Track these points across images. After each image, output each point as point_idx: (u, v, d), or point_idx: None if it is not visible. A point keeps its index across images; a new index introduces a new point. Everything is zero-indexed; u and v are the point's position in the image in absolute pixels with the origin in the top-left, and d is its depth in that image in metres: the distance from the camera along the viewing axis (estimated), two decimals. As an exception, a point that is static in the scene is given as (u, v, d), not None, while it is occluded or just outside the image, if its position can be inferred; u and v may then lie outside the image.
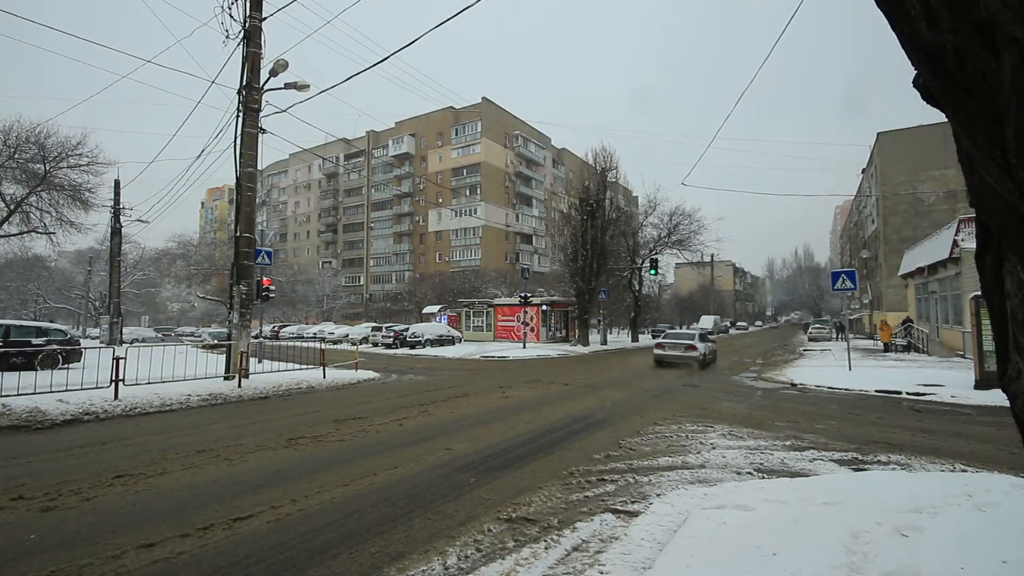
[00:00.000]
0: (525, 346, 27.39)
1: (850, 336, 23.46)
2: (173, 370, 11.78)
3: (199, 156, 16.36)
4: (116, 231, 26.53)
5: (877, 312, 40.96)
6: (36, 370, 12.72)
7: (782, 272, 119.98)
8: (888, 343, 24.70)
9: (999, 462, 5.76)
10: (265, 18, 12.79)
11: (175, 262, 45.10)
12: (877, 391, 11.55)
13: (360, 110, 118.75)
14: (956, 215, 21.87)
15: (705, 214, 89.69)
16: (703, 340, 18.66)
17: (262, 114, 13.04)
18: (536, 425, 7.77)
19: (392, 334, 29.90)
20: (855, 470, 5.41)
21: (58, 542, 3.59)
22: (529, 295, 30.07)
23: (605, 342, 32.94)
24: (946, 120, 1.21)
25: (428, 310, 42.95)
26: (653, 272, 36.67)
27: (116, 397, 9.36)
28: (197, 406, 9.73)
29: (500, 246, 61.53)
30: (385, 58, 11.43)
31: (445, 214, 62.37)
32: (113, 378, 9.52)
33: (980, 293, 1.76)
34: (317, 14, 19.18)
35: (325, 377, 13.46)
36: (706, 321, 48.66)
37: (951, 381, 12.17)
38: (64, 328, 19.15)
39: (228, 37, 12.56)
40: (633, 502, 4.47)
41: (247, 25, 12.59)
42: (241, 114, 12.75)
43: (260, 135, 13.06)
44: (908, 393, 11.08)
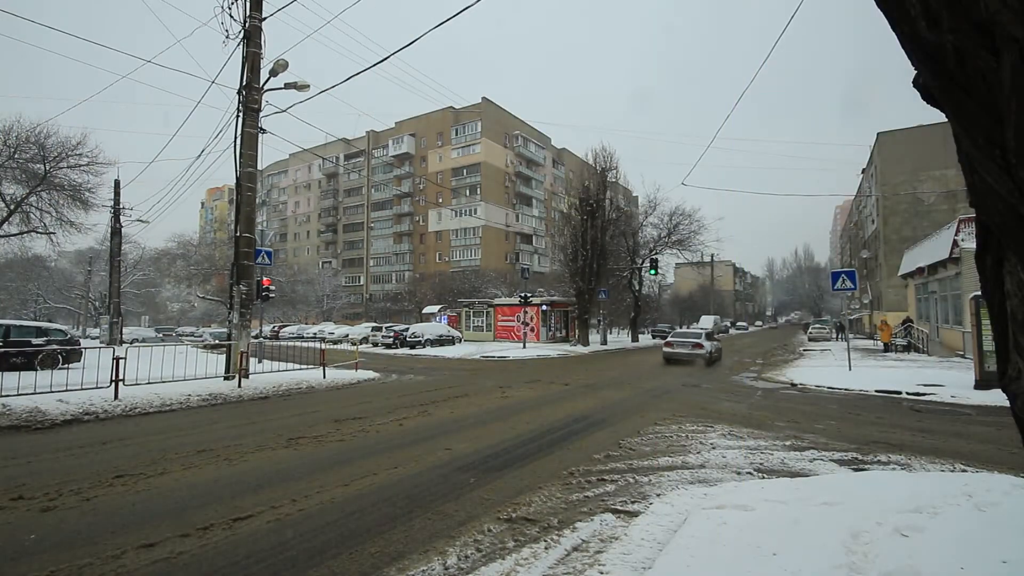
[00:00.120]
0: (525, 346, 27.39)
1: (850, 336, 23.46)
2: (173, 370, 11.79)
3: (199, 156, 16.38)
4: (116, 231, 26.55)
5: (877, 312, 40.96)
6: (36, 370, 12.72)
7: (782, 272, 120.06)
8: (888, 343, 24.70)
9: (999, 462, 5.76)
10: (265, 18, 12.80)
11: (175, 262, 45.13)
12: (877, 391, 11.56)
13: (360, 110, 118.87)
14: (956, 215, 21.87)
15: (705, 214, 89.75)
16: (709, 339, 19.57)
17: (262, 114, 13.05)
18: (536, 425, 7.77)
19: (392, 334, 29.91)
20: (855, 470, 5.41)
21: (58, 542, 3.59)
22: (529, 295, 30.08)
23: (605, 342, 32.94)
24: (946, 120, 1.21)
25: (428, 310, 42.95)
26: (653, 272, 36.68)
27: (116, 397, 9.37)
28: (197, 406, 9.73)
29: (500, 246, 61.54)
30: (385, 58, 11.43)
31: (445, 214, 62.39)
32: (113, 378, 9.53)
33: (980, 293, 1.76)
34: (317, 14, 19.21)
35: (325, 377, 13.46)
36: (706, 321, 48.61)
37: (951, 381, 12.18)
38: (64, 328, 19.17)
39: (228, 37, 12.57)
40: (633, 502, 4.47)
41: (247, 25, 12.59)
42: (241, 114, 12.76)
43: (260, 135, 13.07)
44: (908, 393, 11.08)
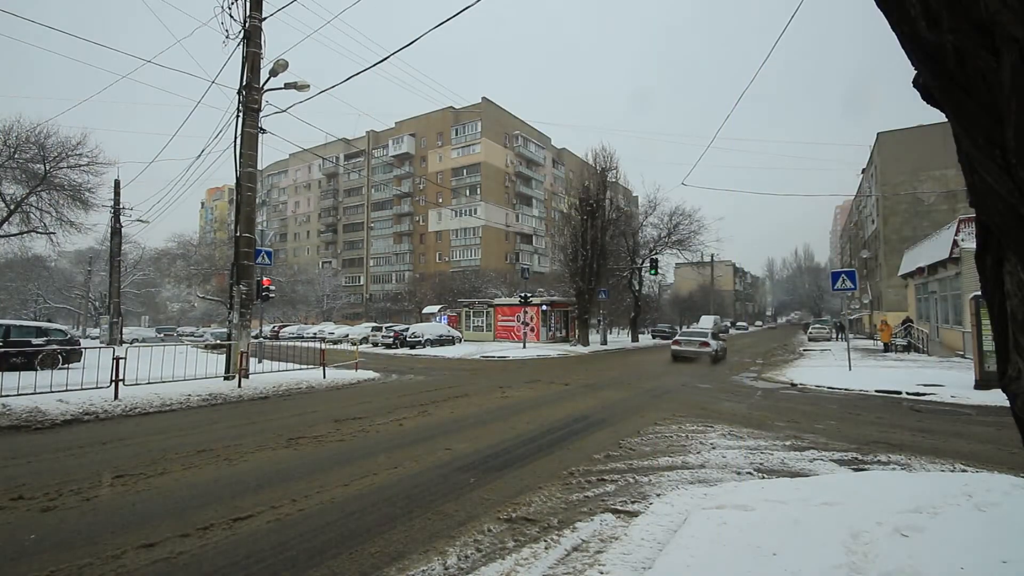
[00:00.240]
0: (525, 346, 27.39)
1: (850, 336, 23.46)
2: (173, 370, 11.78)
3: (199, 156, 16.38)
4: (116, 231, 26.55)
5: (877, 312, 40.95)
6: (36, 370, 12.72)
7: (782, 272, 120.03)
8: (888, 343, 24.69)
9: (999, 462, 5.76)
10: (265, 18, 12.80)
11: (175, 262, 45.11)
12: (877, 391, 11.55)
13: (360, 110, 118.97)
14: (956, 215, 21.87)
15: (705, 214, 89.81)
16: (714, 338, 21.00)
17: (262, 114, 13.05)
18: (536, 425, 7.77)
19: (392, 334, 29.91)
20: (855, 470, 5.41)
21: (58, 542, 3.59)
22: (529, 295, 30.07)
23: (605, 342, 32.94)
24: (946, 120, 1.21)
25: (428, 310, 42.95)
26: (653, 272, 36.68)
27: (116, 397, 9.37)
28: (197, 406, 9.73)
29: (500, 246, 61.53)
30: (385, 58, 11.43)
31: (445, 214, 62.38)
32: (113, 378, 9.53)
33: (980, 293, 1.76)
34: (317, 14, 19.20)
35: (325, 377, 13.46)
36: (706, 321, 48.53)
37: (951, 381, 12.18)
38: (64, 328, 19.17)
39: (228, 37, 12.57)
40: (633, 502, 4.47)
41: (247, 25, 12.59)
42: (241, 114, 12.76)
43: (260, 135, 13.06)
44: (908, 393, 11.08)
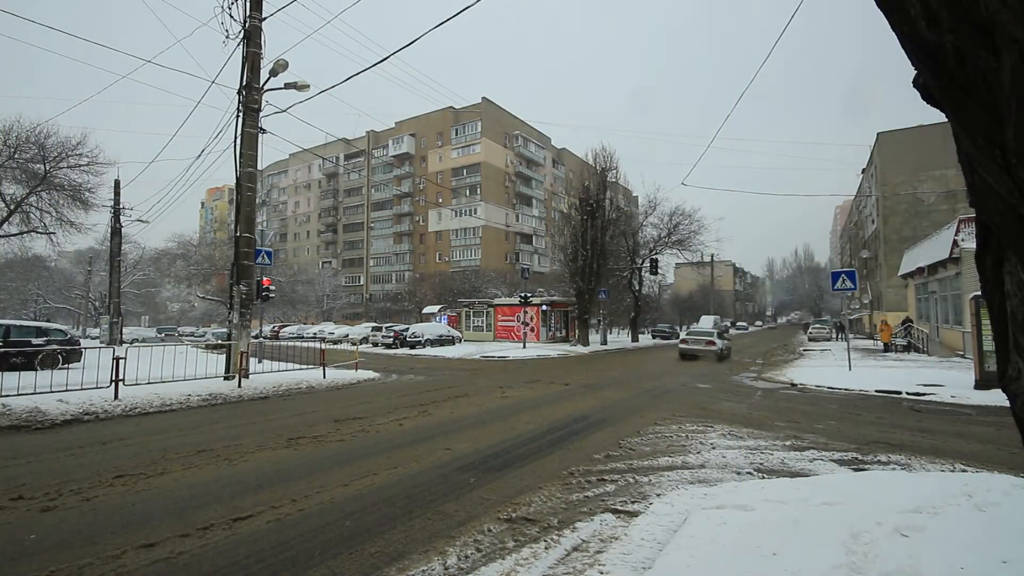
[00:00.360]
0: (525, 346, 27.39)
1: (850, 336, 23.47)
2: (173, 370, 11.79)
3: (199, 156, 16.38)
4: (116, 231, 26.55)
5: (877, 312, 40.95)
6: (36, 370, 12.72)
7: (782, 272, 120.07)
8: (888, 343, 24.69)
9: (999, 462, 5.76)
10: (265, 18, 12.80)
11: (175, 262, 45.11)
12: (877, 391, 11.55)
13: (360, 110, 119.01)
14: (956, 215, 21.87)
15: (705, 214, 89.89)
16: (720, 337, 22.12)
17: (262, 114, 13.05)
18: (536, 425, 7.77)
19: (392, 334, 29.91)
20: (855, 470, 5.41)
21: (58, 542, 3.59)
22: (529, 295, 30.07)
23: (605, 342, 32.95)
24: (946, 120, 1.21)
25: (428, 310, 42.96)
26: (653, 273, 36.70)
27: (116, 397, 9.37)
28: (197, 406, 9.73)
29: (500, 246, 61.53)
30: (385, 58, 11.43)
31: (445, 214, 62.38)
32: (113, 378, 9.53)
33: (980, 293, 1.76)
34: (317, 14, 19.20)
35: (325, 377, 13.46)
36: (706, 321, 48.54)
37: (951, 381, 12.17)
38: (64, 328, 19.17)
39: (228, 37, 12.57)
40: (633, 502, 4.47)
41: (247, 25, 12.60)
42: (241, 114, 12.76)
43: (260, 135, 13.06)
44: (908, 393, 11.08)
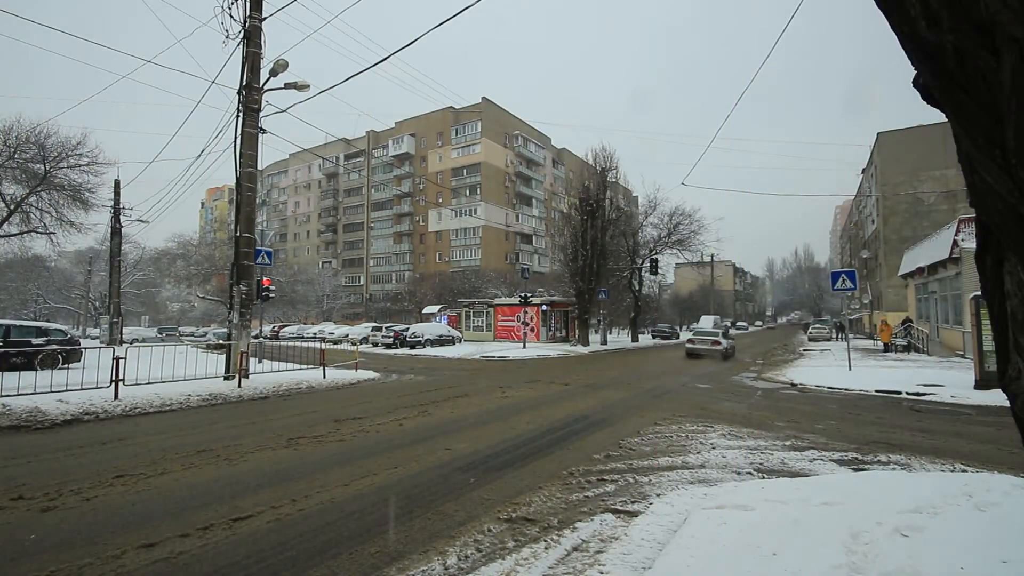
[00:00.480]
0: (525, 346, 27.39)
1: (850, 336, 23.48)
2: (173, 370, 11.78)
3: (199, 156, 16.38)
4: (116, 231, 26.54)
5: (877, 312, 40.95)
6: (36, 370, 12.72)
7: (782, 272, 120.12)
8: (888, 343, 24.68)
9: (999, 462, 5.76)
10: (265, 18, 12.80)
11: (175, 262, 45.11)
12: (877, 391, 11.55)
13: (360, 110, 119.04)
14: (956, 215, 21.87)
15: (705, 214, 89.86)
16: (725, 337, 23.15)
17: (262, 114, 13.05)
18: (536, 425, 7.77)
19: (392, 334, 29.91)
20: (855, 470, 5.41)
21: (58, 542, 3.59)
22: (529, 295, 30.07)
23: (605, 342, 32.95)
24: (946, 120, 1.21)
25: (428, 310, 42.95)
26: (653, 273, 36.71)
27: (116, 397, 9.37)
28: (197, 406, 9.73)
29: (500, 246, 61.53)
30: (385, 58, 11.43)
31: (445, 214, 62.38)
32: (113, 378, 9.53)
33: (980, 293, 1.76)
34: (317, 14, 19.21)
35: (325, 377, 13.46)
36: (706, 321, 48.54)
37: (951, 381, 12.17)
38: (64, 328, 19.16)
39: (228, 37, 12.57)
40: (633, 502, 4.47)
41: (247, 25, 12.59)
42: (241, 114, 12.76)
43: (260, 135, 13.06)
44: (908, 393, 11.08)
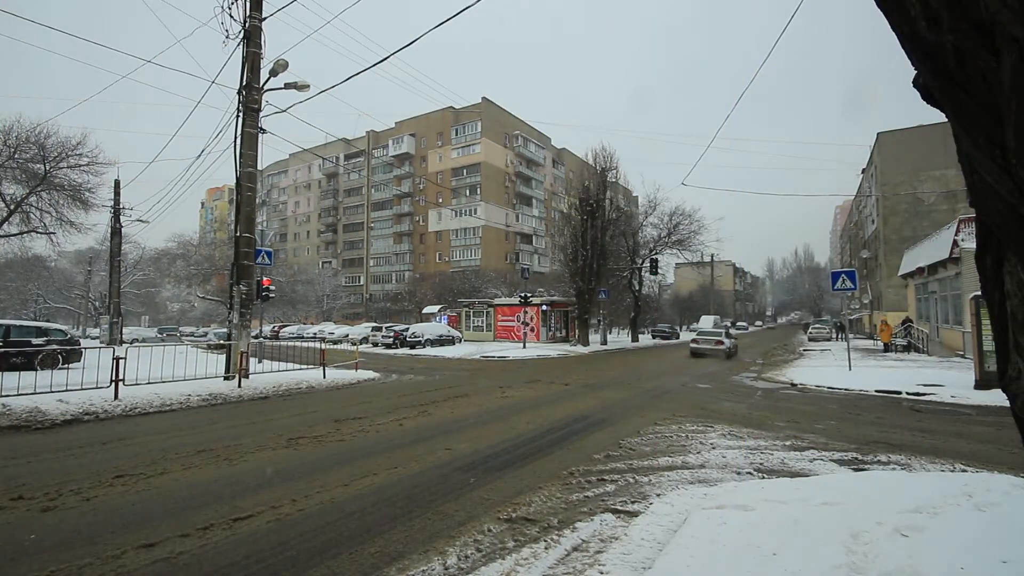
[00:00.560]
0: (525, 346, 27.39)
1: (850, 336, 23.48)
2: (173, 370, 11.78)
3: (199, 156, 16.39)
4: (116, 231, 26.54)
5: (877, 312, 40.95)
6: (36, 370, 12.72)
7: (782, 272, 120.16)
8: (888, 343, 24.68)
9: (999, 462, 5.76)
10: (265, 18, 12.80)
11: (175, 262, 45.11)
12: (877, 391, 11.55)
13: (360, 110, 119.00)
14: (956, 215, 21.87)
15: (705, 214, 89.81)
16: (728, 337, 23.91)
17: (262, 114, 13.05)
18: (536, 425, 7.77)
19: (392, 334, 29.91)
20: (855, 470, 5.41)
21: (58, 542, 3.59)
22: (529, 295, 30.08)
23: (605, 342, 32.94)
24: (946, 120, 1.21)
25: (428, 310, 42.95)
26: (653, 273, 36.72)
27: (116, 397, 9.37)
28: (197, 406, 9.73)
29: (500, 246, 61.53)
30: (385, 58, 11.43)
31: (445, 214, 62.38)
32: (113, 378, 9.52)
33: (980, 293, 1.76)
34: (317, 14, 19.20)
35: (325, 377, 13.46)
36: (706, 321, 48.59)
37: (951, 381, 12.17)
38: (64, 328, 19.16)
39: (228, 37, 12.57)
40: (633, 502, 4.47)
41: (247, 25, 12.59)
42: (241, 114, 12.76)
43: (260, 135, 13.06)
44: (908, 393, 11.08)
